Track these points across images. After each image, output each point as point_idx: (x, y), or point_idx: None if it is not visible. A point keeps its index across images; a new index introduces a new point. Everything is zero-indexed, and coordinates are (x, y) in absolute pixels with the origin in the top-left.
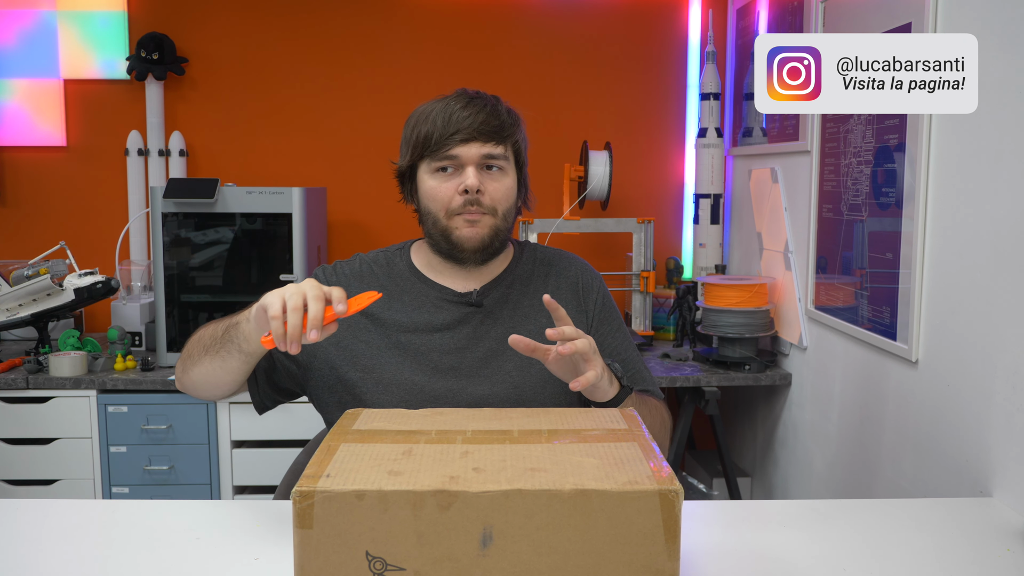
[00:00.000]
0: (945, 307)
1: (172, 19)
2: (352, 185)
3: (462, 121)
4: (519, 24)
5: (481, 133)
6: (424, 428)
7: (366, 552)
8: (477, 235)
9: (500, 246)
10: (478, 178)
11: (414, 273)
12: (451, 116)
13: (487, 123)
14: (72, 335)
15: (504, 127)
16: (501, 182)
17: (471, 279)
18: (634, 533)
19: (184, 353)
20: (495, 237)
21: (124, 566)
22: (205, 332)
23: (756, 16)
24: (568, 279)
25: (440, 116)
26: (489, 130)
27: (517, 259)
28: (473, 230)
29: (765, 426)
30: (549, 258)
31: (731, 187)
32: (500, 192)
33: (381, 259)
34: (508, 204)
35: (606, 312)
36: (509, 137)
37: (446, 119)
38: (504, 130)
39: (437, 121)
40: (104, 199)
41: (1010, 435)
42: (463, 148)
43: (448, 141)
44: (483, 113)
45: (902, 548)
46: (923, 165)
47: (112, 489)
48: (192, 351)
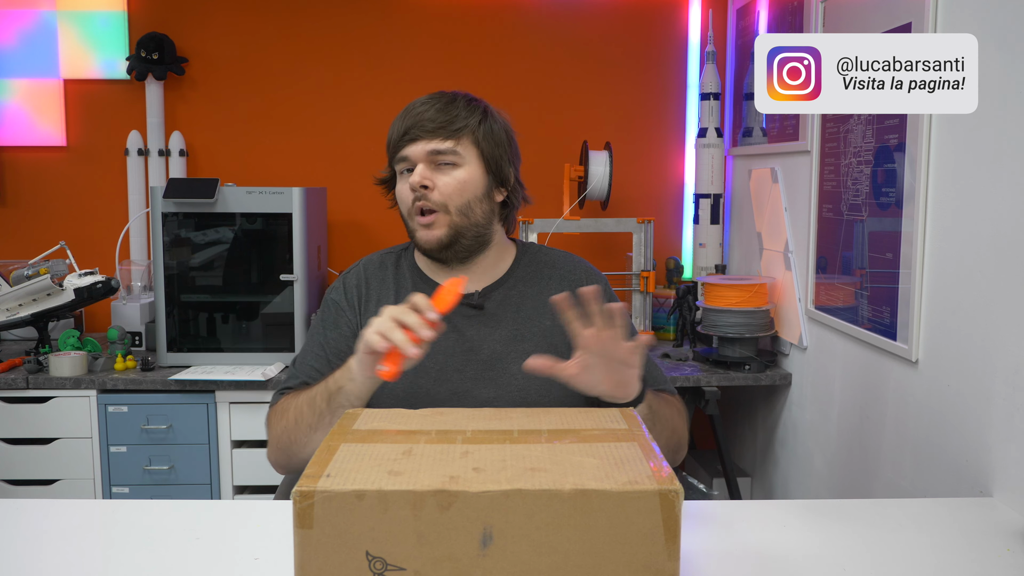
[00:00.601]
0: (945, 307)
1: (172, 19)
2: (352, 185)
3: (413, 119)
4: (519, 24)
5: (426, 130)
6: (424, 428)
7: (366, 552)
8: (433, 236)
9: (472, 243)
10: (424, 175)
11: (417, 274)
12: (406, 116)
13: (433, 119)
14: (72, 335)
15: (454, 120)
16: (451, 175)
17: (472, 281)
18: (634, 533)
19: (282, 442)
20: (456, 235)
21: (124, 566)
22: (301, 415)
23: (756, 16)
24: (572, 281)
25: (399, 120)
26: (435, 126)
27: (519, 260)
28: (429, 232)
29: (765, 426)
30: (552, 259)
31: (731, 187)
32: (450, 186)
33: (388, 260)
34: (463, 198)
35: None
36: (462, 130)
37: (402, 122)
38: (454, 123)
39: (397, 124)
40: (104, 199)
41: (1010, 435)
42: (411, 147)
43: (400, 142)
44: (432, 110)
45: (902, 548)
46: (923, 165)
47: (112, 489)
48: (294, 437)
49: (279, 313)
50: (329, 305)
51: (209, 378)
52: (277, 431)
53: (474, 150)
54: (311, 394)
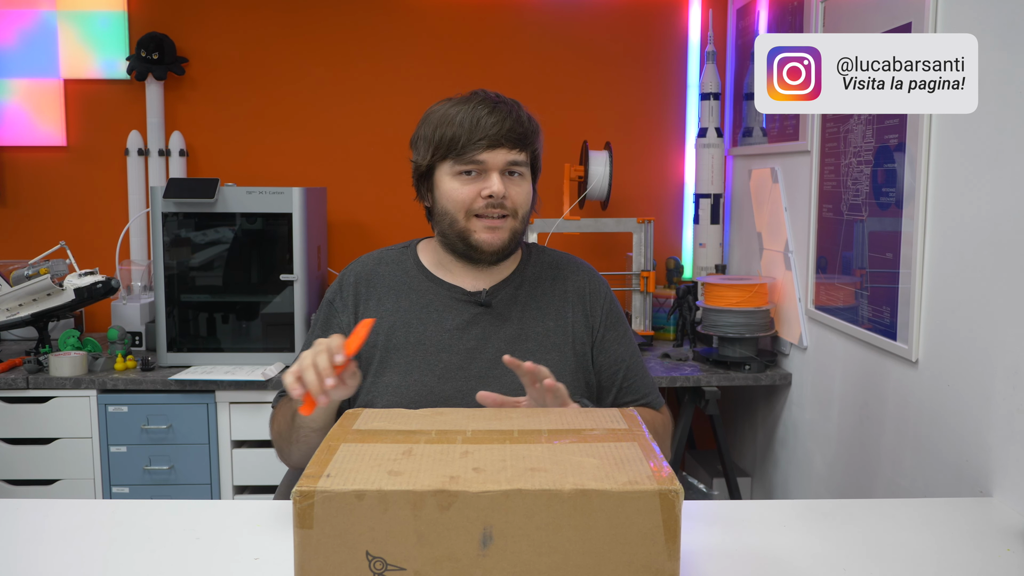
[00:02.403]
0: (945, 307)
1: (172, 19)
2: (352, 185)
3: (490, 127)
4: (519, 24)
5: (507, 140)
6: (424, 428)
7: (366, 552)
8: (499, 239)
9: (515, 248)
10: (502, 183)
11: (422, 272)
12: (478, 121)
13: (513, 130)
14: (72, 335)
15: (527, 135)
16: (522, 187)
17: (480, 279)
18: (634, 533)
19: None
20: (513, 240)
21: (124, 566)
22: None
23: (756, 16)
24: (575, 283)
25: (467, 120)
26: (515, 137)
27: (526, 261)
28: (494, 235)
29: (765, 426)
30: (557, 261)
31: (731, 187)
32: (521, 197)
33: (388, 257)
34: (527, 208)
35: (612, 318)
36: (530, 145)
37: (473, 123)
38: (527, 137)
39: (464, 124)
40: (104, 199)
41: (1010, 435)
42: (489, 154)
43: (475, 146)
44: (509, 120)
45: (902, 548)
46: (923, 165)
47: (112, 489)
48: (280, 445)
49: (279, 313)
50: (324, 306)
51: (209, 378)
52: (272, 435)
53: (531, 164)
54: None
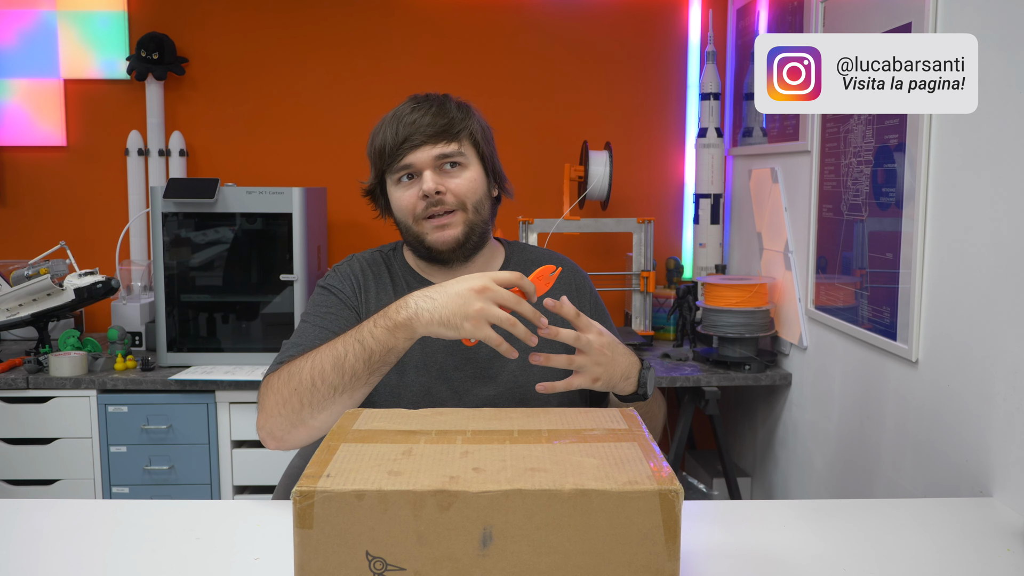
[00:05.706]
0: (945, 307)
1: (172, 19)
2: (352, 185)
3: (410, 127)
4: (519, 24)
5: (430, 136)
6: (424, 428)
7: (366, 552)
8: (451, 235)
9: (480, 240)
10: (435, 180)
11: (410, 273)
12: (399, 124)
13: (433, 124)
14: (72, 335)
15: (452, 123)
16: (462, 177)
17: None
18: (634, 533)
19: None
20: (470, 233)
21: (124, 566)
22: (323, 375)
23: (756, 16)
24: (561, 279)
25: (390, 126)
26: (437, 131)
27: (508, 259)
28: (445, 232)
29: (765, 426)
30: (539, 258)
31: (731, 187)
32: (463, 187)
33: (378, 258)
34: (476, 196)
35: (598, 312)
36: (462, 132)
37: (395, 128)
38: (454, 126)
39: (387, 132)
40: (104, 199)
41: (1010, 435)
42: (415, 154)
43: (400, 150)
44: (428, 115)
45: (902, 548)
46: (923, 165)
47: (112, 489)
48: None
49: (279, 313)
50: (326, 290)
51: (209, 378)
52: (285, 393)
53: (474, 149)
54: (334, 355)
